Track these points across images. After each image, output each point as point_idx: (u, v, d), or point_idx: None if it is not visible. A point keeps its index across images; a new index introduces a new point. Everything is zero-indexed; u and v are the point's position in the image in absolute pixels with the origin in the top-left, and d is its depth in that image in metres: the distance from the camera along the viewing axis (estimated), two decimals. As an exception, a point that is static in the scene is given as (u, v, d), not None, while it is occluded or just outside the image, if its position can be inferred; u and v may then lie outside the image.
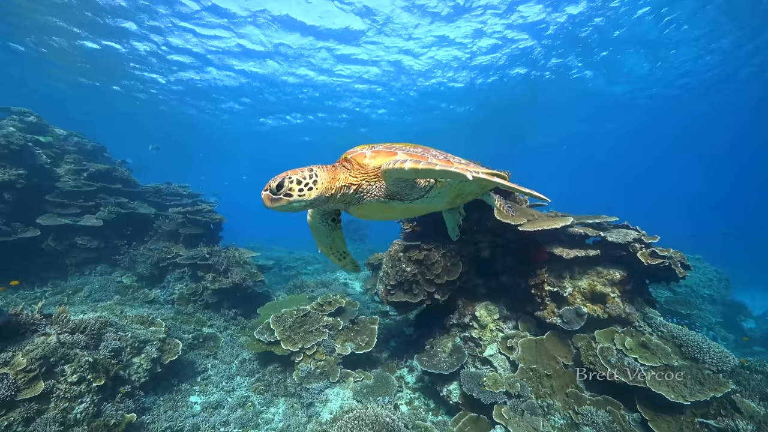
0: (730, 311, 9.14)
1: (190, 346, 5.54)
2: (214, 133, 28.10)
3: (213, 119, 24.39)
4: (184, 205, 8.51)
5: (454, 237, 2.99)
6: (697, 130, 26.04)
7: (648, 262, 3.89)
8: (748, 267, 15.49)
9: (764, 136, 26.24)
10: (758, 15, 12.54)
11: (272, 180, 1.75)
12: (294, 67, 16.91)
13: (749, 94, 18.80)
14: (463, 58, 16.07)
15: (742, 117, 22.45)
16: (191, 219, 7.61)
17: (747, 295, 11.45)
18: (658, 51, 15.29)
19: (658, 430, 3.23)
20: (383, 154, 1.80)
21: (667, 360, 3.61)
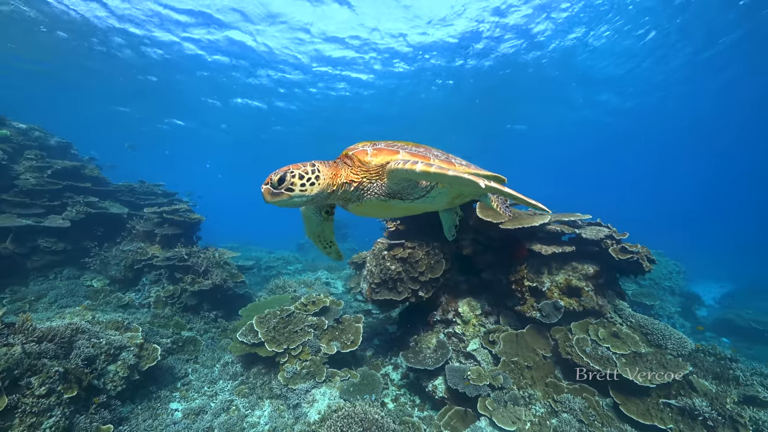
0: (687, 301, 9.88)
1: (168, 350, 5.36)
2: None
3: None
4: (159, 205, 8.16)
5: (450, 237, 3.04)
6: (661, 130, 27.74)
7: (618, 257, 4.15)
8: (703, 260, 16.78)
9: (724, 133, 28.26)
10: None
11: (273, 174, 1.72)
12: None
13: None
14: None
15: (700, 115, 24.13)
16: (168, 219, 7.31)
17: (701, 286, 12.42)
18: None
19: (628, 412, 3.47)
20: (385, 152, 1.81)
21: (636, 348, 3.87)
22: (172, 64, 17.31)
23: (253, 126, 27.45)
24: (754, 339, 8.61)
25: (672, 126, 25.15)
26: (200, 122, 26.65)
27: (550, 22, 13.94)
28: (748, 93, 19.01)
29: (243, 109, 23.68)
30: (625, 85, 19.40)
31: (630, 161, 47.26)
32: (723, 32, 14.29)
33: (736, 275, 15.51)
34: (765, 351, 8.11)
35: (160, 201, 8.76)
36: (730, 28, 13.89)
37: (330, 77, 19.07)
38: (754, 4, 12.09)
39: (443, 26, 14.54)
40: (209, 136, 30.34)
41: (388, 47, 16.11)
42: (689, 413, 3.44)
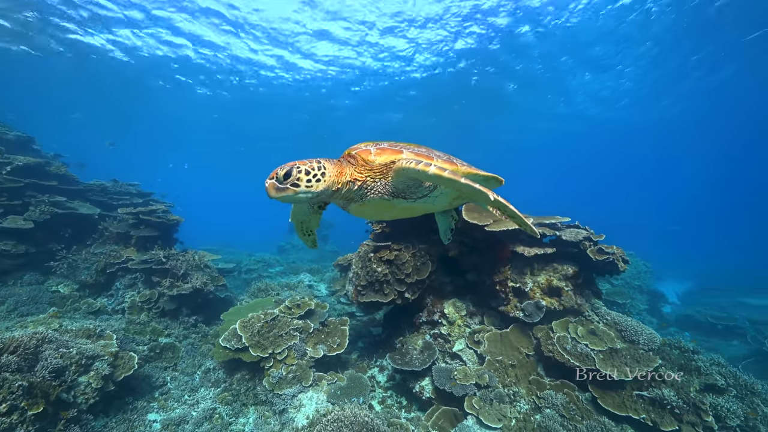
0: (653, 299, 10.52)
1: (145, 358, 5.12)
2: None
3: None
4: (135, 205, 7.77)
5: (446, 241, 3.07)
6: (628, 136, 29.32)
7: (596, 258, 4.38)
8: (667, 260, 17.91)
9: (690, 140, 30.25)
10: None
11: (279, 168, 1.69)
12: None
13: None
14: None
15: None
16: (145, 220, 6.97)
17: (666, 284, 13.26)
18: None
19: (606, 405, 3.67)
20: (389, 152, 1.82)
21: (612, 344, 4.09)
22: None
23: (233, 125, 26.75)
24: (711, 332, 9.29)
25: (638, 132, 26.68)
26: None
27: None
28: (714, 102, 20.37)
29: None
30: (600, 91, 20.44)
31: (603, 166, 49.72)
32: (690, 49, 15.34)
33: (695, 274, 16.68)
34: (720, 343, 8.77)
35: (135, 201, 8.36)
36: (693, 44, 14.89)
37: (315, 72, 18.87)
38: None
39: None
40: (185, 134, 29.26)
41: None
42: (659, 403, 3.68)
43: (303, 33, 15.07)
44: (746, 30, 13.94)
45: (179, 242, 7.72)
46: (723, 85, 18.21)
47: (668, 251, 22.84)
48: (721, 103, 20.05)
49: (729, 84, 17.95)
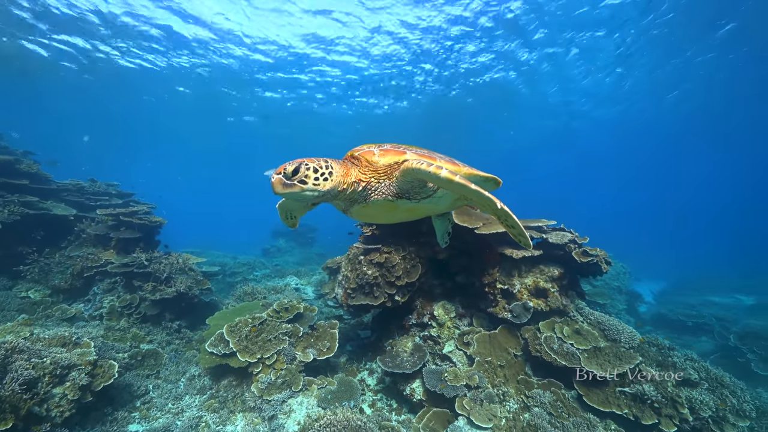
0: (631, 299, 10.97)
1: (126, 366, 4.92)
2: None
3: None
4: (115, 206, 7.44)
5: (443, 243, 3.09)
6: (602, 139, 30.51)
7: (580, 260, 4.54)
8: (644, 261, 18.73)
9: (665, 142, 31.72)
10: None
11: (288, 164, 1.66)
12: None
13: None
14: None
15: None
16: (126, 221, 6.69)
17: (642, 285, 13.86)
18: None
19: (591, 402, 3.80)
20: (392, 153, 1.83)
21: (596, 343, 4.24)
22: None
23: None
24: (682, 329, 9.78)
25: (611, 134, 27.80)
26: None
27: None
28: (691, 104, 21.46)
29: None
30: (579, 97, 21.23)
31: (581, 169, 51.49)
32: (666, 58, 16.13)
33: (669, 274, 17.52)
34: (691, 339, 9.24)
35: (115, 202, 8.01)
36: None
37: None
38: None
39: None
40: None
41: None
42: (640, 398, 3.85)
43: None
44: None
45: (164, 245, 7.47)
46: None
47: (644, 252, 23.88)
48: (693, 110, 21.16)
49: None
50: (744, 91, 18.10)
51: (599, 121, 24.56)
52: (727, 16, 12.97)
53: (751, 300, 12.89)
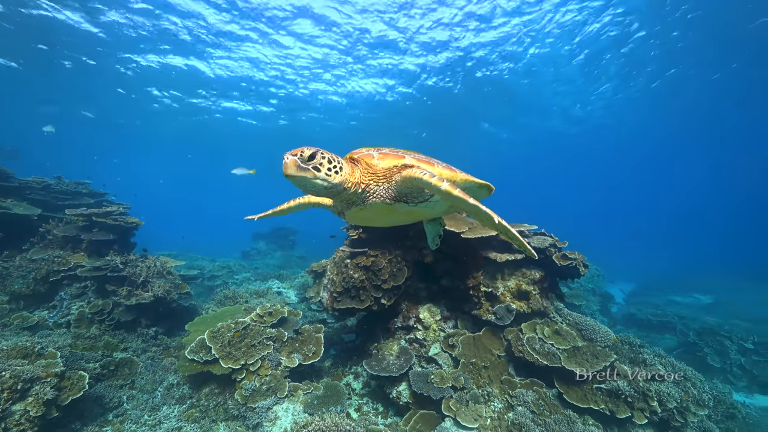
0: (604, 300, 11.52)
1: (97, 377, 4.65)
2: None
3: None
4: (87, 206, 7.02)
5: (433, 246, 3.14)
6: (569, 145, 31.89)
7: (560, 263, 4.74)
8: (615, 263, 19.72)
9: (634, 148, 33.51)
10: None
11: (305, 148, 1.63)
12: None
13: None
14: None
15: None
16: (99, 222, 6.33)
17: (614, 286, 14.59)
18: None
19: (570, 399, 3.97)
20: (391, 157, 1.86)
21: (574, 342, 4.44)
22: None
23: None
24: (649, 328, 10.37)
25: (584, 142, 29.13)
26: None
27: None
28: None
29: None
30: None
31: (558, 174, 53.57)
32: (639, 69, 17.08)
33: (637, 276, 18.53)
34: (657, 337, 9.82)
35: (86, 202, 7.55)
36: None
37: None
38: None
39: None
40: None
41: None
42: (615, 393, 4.06)
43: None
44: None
45: (143, 249, 7.12)
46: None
47: (615, 255, 25.13)
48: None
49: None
50: (706, 99, 19.38)
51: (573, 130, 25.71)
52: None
53: (708, 299, 13.86)
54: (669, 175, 51.25)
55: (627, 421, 3.94)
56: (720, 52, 15.45)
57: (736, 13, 12.79)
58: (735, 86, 17.84)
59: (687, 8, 12.69)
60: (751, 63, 15.90)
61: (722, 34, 14.08)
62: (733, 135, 25.95)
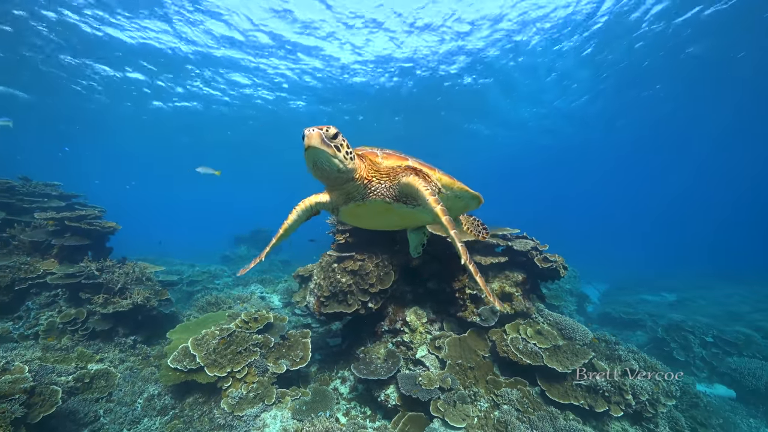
0: (580, 300, 12.01)
1: (70, 391, 4.42)
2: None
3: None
4: (58, 209, 6.64)
5: (415, 254, 3.21)
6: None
7: (542, 265, 4.94)
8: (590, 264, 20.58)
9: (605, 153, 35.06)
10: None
11: (329, 126, 1.63)
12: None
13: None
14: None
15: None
16: (72, 227, 6.00)
17: (589, 287, 15.23)
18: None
19: (552, 396, 4.14)
20: (394, 157, 1.91)
21: (555, 342, 4.63)
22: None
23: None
24: (622, 325, 10.91)
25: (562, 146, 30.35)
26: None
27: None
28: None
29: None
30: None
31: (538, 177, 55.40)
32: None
33: (611, 277, 19.43)
34: (630, 334, 10.33)
35: (56, 205, 7.14)
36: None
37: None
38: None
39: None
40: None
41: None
42: (593, 389, 4.27)
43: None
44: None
45: (122, 257, 6.79)
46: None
47: (591, 256, 26.22)
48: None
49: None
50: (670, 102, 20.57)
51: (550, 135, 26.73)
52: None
53: (674, 297, 14.72)
54: (644, 178, 54.03)
55: (604, 414, 4.16)
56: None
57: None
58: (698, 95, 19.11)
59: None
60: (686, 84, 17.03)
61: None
62: (706, 140, 27.53)
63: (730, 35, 13.74)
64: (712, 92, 18.76)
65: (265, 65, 16.89)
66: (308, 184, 2.14)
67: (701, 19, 13.02)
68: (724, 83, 17.55)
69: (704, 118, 22.53)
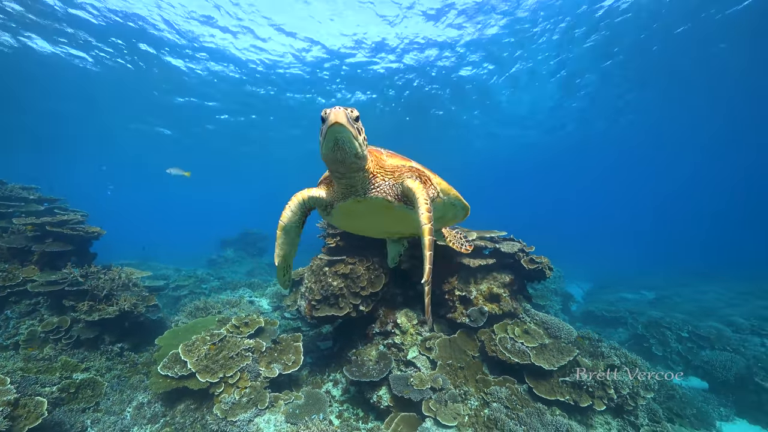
0: (565, 299, 12.37)
1: (55, 402, 4.31)
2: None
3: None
4: (37, 214, 6.42)
5: (392, 264, 3.26)
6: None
7: (528, 267, 5.12)
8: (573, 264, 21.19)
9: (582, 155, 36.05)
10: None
11: (352, 107, 1.62)
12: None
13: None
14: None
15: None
16: (54, 232, 5.82)
17: (573, 286, 15.70)
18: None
19: (539, 393, 4.30)
20: (398, 157, 1.98)
21: (541, 340, 4.81)
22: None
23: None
24: (604, 323, 11.30)
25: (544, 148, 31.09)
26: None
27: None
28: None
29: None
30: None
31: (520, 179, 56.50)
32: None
33: (593, 276, 20.05)
34: (611, 331, 10.71)
35: (35, 209, 6.90)
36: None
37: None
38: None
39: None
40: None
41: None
42: (578, 385, 4.46)
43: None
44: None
45: (108, 264, 6.60)
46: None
47: (575, 256, 26.97)
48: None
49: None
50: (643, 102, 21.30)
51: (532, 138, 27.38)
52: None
53: (652, 294, 15.32)
54: (628, 179, 55.73)
55: (588, 409, 4.34)
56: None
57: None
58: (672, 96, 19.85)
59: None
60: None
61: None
62: (687, 140, 28.43)
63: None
64: (705, 100, 19.45)
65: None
66: (300, 182, 2.13)
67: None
68: (714, 89, 18.12)
69: (694, 124, 23.35)
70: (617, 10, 12.95)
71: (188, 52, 15.88)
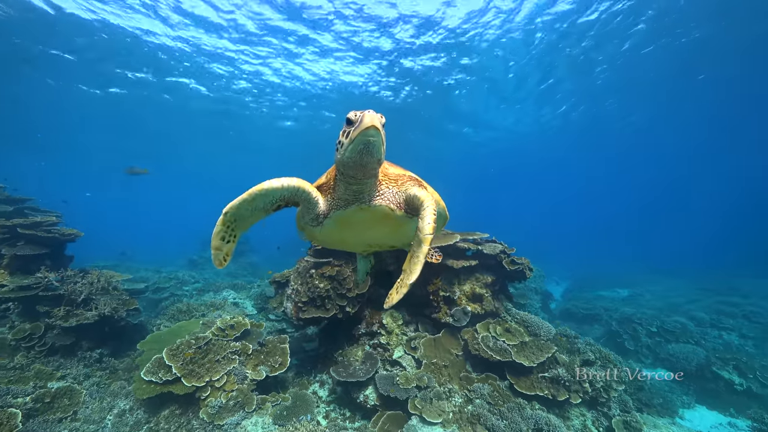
0: (544, 298, 12.81)
1: (29, 413, 4.14)
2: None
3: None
4: (6, 215, 6.10)
5: (362, 280, 3.30)
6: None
7: (510, 268, 5.33)
8: (553, 263, 21.92)
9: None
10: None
11: (381, 114, 1.59)
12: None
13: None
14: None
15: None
16: (26, 235, 5.56)
17: (552, 285, 16.28)
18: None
19: (520, 388, 4.51)
20: (398, 167, 2.02)
21: (522, 338, 5.02)
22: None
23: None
24: (581, 320, 11.79)
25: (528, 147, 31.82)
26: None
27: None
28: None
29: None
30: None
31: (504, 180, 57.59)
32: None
33: (571, 275, 20.80)
34: (588, 328, 11.19)
35: (2, 210, 6.55)
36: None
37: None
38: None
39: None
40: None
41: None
42: (556, 380, 4.69)
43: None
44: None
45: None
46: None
47: (554, 255, 27.86)
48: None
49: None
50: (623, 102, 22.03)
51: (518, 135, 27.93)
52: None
53: (626, 292, 16.09)
54: (607, 180, 57.60)
55: (565, 402, 4.58)
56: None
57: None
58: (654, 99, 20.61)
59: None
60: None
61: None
62: (669, 139, 29.50)
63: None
64: (680, 105, 20.06)
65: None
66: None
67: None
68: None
69: (675, 126, 24.21)
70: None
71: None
